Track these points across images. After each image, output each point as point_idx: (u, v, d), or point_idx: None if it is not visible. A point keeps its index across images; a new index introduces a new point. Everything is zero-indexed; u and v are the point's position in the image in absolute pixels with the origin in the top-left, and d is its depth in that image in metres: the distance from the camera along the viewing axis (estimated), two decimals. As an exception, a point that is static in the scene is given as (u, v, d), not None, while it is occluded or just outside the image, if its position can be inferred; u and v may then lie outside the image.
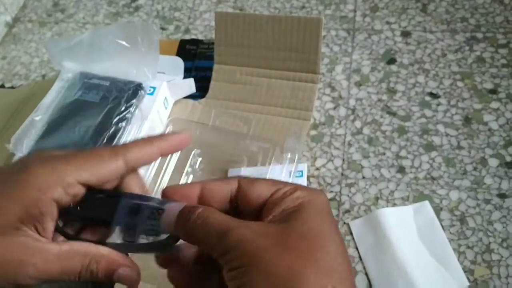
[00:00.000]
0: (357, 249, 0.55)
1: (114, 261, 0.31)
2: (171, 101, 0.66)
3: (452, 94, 0.66)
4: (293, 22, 0.64)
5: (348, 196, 0.59)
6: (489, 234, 0.54)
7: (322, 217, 0.28)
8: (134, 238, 0.31)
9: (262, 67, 0.67)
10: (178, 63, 0.69)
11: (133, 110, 0.58)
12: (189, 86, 0.66)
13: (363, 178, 0.60)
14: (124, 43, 0.60)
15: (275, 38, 0.65)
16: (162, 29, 0.82)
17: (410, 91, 0.67)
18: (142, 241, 0.31)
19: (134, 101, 0.58)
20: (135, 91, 0.59)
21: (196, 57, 0.73)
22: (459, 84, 0.67)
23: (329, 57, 0.72)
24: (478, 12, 0.74)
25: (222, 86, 0.68)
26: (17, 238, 0.29)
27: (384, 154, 0.62)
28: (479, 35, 0.71)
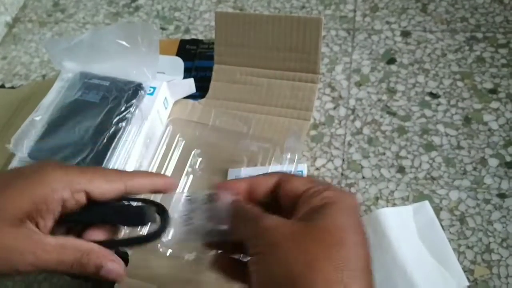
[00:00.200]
0: (357, 249, 0.55)
1: (103, 256, 0.34)
2: (171, 101, 0.66)
3: (452, 94, 0.66)
4: (293, 22, 0.64)
5: (348, 196, 0.59)
6: (489, 234, 0.54)
7: (346, 216, 0.31)
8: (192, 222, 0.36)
9: (262, 67, 0.67)
10: (178, 63, 0.69)
11: (133, 110, 0.58)
12: (189, 86, 0.66)
13: (363, 178, 0.60)
14: (124, 43, 0.60)
15: (275, 38, 0.65)
16: (162, 29, 0.82)
17: (410, 91, 0.67)
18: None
19: (134, 101, 0.58)
20: (135, 91, 0.59)
21: (196, 57, 0.73)
22: (459, 84, 0.67)
23: (329, 57, 0.72)
24: (478, 12, 0.74)
25: (222, 86, 0.68)
26: (21, 229, 0.32)
27: (384, 154, 0.62)
28: (479, 35, 0.71)
